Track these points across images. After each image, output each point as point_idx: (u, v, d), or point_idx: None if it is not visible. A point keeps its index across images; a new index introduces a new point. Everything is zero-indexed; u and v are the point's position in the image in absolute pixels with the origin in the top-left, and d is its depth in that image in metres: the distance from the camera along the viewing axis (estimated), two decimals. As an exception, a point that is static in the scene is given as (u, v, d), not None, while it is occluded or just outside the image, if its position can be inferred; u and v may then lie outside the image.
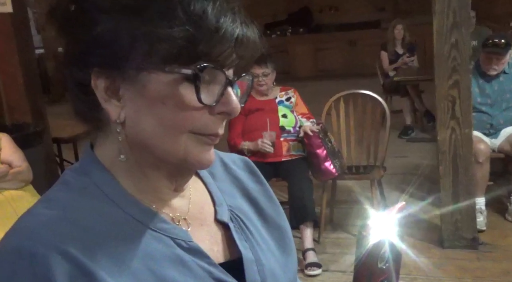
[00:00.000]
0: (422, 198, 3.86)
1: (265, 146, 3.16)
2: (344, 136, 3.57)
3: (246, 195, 0.78)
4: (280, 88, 3.56)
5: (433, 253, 3.06)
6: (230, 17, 0.58)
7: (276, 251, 0.75)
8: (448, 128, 3.03)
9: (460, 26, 2.91)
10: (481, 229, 3.20)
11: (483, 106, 3.48)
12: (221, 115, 0.62)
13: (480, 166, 3.26)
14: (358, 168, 3.57)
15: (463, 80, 2.97)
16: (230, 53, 0.59)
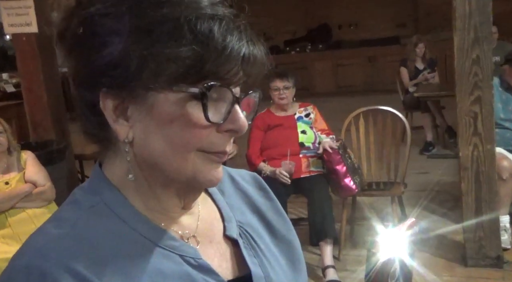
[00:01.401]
0: (444, 215, 3.81)
1: (282, 177, 3.17)
2: (364, 153, 3.55)
3: (255, 211, 0.78)
4: (299, 104, 3.57)
5: (457, 272, 3.00)
6: (236, 35, 0.59)
7: (285, 267, 0.75)
8: (470, 145, 2.99)
9: (481, 42, 2.89)
10: (506, 247, 3.13)
11: (506, 122, 3.43)
12: (229, 132, 0.62)
13: (504, 182, 3.19)
14: (378, 184, 3.54)
15: (485, 96, 2.93)
16: (237, 71, 0.60)
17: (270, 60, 0.64)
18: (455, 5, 2.88)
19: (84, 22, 0.60)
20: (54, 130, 3.86)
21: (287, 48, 10.38)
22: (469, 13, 2.86)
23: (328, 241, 3.07)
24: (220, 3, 0.60)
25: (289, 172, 3.22)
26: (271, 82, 3.42)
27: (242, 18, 0.62)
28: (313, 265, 3.25)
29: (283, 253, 0.77)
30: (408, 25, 9.68)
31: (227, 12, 0.60)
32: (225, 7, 0.60)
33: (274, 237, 0.77)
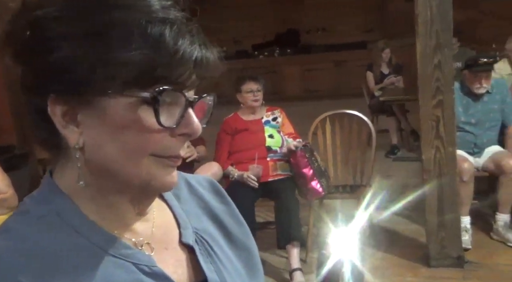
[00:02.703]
0: (408, 217, 3.88)
1: (250, 180, 3.19)
2: (330, 156, 3.60)
3: (212, 217, 0.78)
4: (266, 108, 3.60)
5: (420, 272, 3.06)
6: (188, 39, 0.59)
7: (243, 272, 0.75)
8: (432, 148, 3.06)
9: (443, 47, 2.97)
10: (466, 247, 3.21)
11: (467, 126, 3.52)
12: (183, 136, 0.62)
13: (465, 184, 3.28)
14: (344, 187, 3.58)
15: (446, 100, 3.01)
16: (189, 75, 0.60)
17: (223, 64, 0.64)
18: (418, 12, 2.95)
19: (32, 25, 0.58)
20: (16, 135, 3.77)
21: (255, 52, 10.41)
22: (430, 19, 2.93)
23: (295, 244, 3.09)
24: (171, 6, 0.60)
25: (257, 175, 3.24)
26: (244, 85, 3.45)
27: (194, 22, 0.62)
28: (280, 268, 3.27)
29: (240, 258, 0.77)
30: (374, 31, 9.83)
31: (179, 16, 0.60)
32: (177, 11, 0.60)
33: (231, 243, 0.77)
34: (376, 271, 3.16)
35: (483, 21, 8.86)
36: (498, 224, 3.36)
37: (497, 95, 3.51)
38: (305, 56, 10.01)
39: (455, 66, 4.32)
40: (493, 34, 7.29)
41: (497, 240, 3.36)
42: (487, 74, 3.42)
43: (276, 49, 10.23)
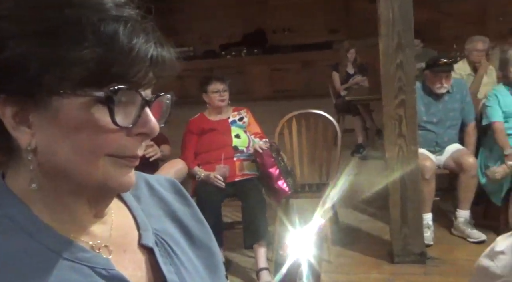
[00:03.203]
0: (373, 215, 3.95)
1: (216, 180, 3.18)
2: (297, 155, 3.62)
3: (173, 217, 0.77)
4: (233, 108, 3.60)
5: (384, 269, 3.12)
6: (143, 37, 0.58)
7: (203, 273, 0.75)
8: (395, 146, 3.12)
9: (404, 47, 3.02)
10: (428, 243, 3.29)
11: (428, 125, 3.60)
12: (140, 136, 0.61)
13: (427, 182, 3.36)
14: (311, 186, 3.61)
15: (408, 99, 3.07)
16: (145, 73, 0.59)
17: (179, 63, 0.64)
18: (380, 13, 3.00)
19: None
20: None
21: (223, 52, 10.39)
22: (392, 20, 2.99)
23: (262, 243, 3.10)
24: (125, 4, 0.59)
25: (223, 175, 3.24)
26: (210, 85, 3.44)
27: (149, 20, 0.61)
28: (247, 268, 3.28)
29: (201, 259, 0.76)
30: (340, 31, 9.94)
31: (133, 14, 0.59)
32: (131, 9, 0.59)
33: (192, 243, 0.77)
34: (342, 268, 3.20)
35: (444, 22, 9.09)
36: (458, 220, 3.45)
37: (457, 95, 3.60)
38: (273, 56, 10.04)
39: (419, 66, 4.42)
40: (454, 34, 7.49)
41: (457, 236, 3.45)
42: (447, 75, 3.51)
43: (244, 49, 10.23)
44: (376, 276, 3.05)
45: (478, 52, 4.45)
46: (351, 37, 8.29)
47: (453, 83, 3.61)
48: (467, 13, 9.03)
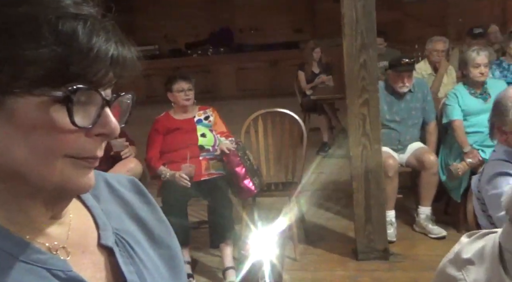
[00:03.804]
0: (338, 213, 4.00)
1: (182, 180, 3.16)
2: (263, 154, 3.63)
3: (134, 217, 0.76)
4: (198, 107, 3.58)
5: (349, 266, 3.17)
6: (103, 36, 0.57)
7: (165, 273, 0.74)
8: (359, 145, 3.17)
9: (367, 47, 3.07)
10: (391, 240, 3.36)
11: (391, 123, 3.67)
12: (100, 137, 0.61)
13: (390, 180, 3.43)
14: (277, 185, 3.63)
15: (372, 98, 3.12)
16: (105, 73, 0.58)
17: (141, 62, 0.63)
18: (343, 13, 3.04)
19: None
20: None
21: (189, 51, 10.32)
22: (356, 20, 3.03)
23: (228, 242, 3.10)
24: (84, 2, 0.58)
25: (189, 174, 3.22)
26: (174, 84, 3.42)
27: (109, 18, 0.60)
28: (214, 267, 3.27)
29: (162, 258, 0.76)
30: (305, 31, 10.03)
31: (92, 12, 0.58)
32: (90, 7, 0.58)
33: (153, 242, 0.76)
34: (308, 266, 3.24)
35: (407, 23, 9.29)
36: (420, 217, 3.53)
37: (418, 94, 3.69)
38: (239, 55, 10.04)
39: (381, 65, 4.51)
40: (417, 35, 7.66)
41: (419, 232, 3.53)
42: (408, 74, 3.59)
43: (210, 48, 10.20)
44: (341, 273, 3.09)
45: (438, 53, 4.57)
46: (317, 36, 8.38)
47: (415, 83, 3.69)
48: (429, 14, 9.25)
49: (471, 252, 0.93)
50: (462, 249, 0.96)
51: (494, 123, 1.91)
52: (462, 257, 0.94)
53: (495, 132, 1.92)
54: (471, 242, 0.96)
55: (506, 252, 0.87)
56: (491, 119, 1.95)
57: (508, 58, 4.50)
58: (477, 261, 0.91)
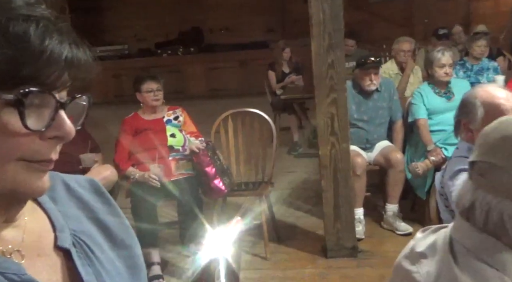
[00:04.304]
0: (308, 211, 4.04)
1: (151, 180, 3.14)
2: (233, 154, 3.64)
3: (93, 217, 0.76)
4: (167, 107, 3.57)
5: (318, 263, 3.20)
6: (56, 38, 0.57)
7: (124, 272, 0.74)
8: (328, 144, 3.21)
9: (335, 48, 3.11)
10: (360, 237, 3.41)
11: (359, 122, 3.73)
12: (54, 140, 0.60)
13: (358, 178, 3.48)
14: (247, 184, 3.64)
15: (340, 98, 3.17)
16: (59, 75, 0.58)
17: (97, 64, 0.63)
18: (311, 14, 3.07)
19: None
20: None
21: (158, 51, 10.23)
22: (323, 21, 3.07)
23: (198, 242, 3.09)
24: (37, 3, 0.58)
25: (158, 175, 3.20)
26: (143, 84, 3.40)
27: (63, 20, 0.60)
28: (184, 268, 3.25)
29: (122, 259, 0.75)
30: (276, 31, 10.07)
31: (45, 13, 0.57)
32: (43, 8, 0.58)
33: (113, 243, 0.76)
34: (278, 265, 3.26)
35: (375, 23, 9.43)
36: (387, 214, 3.60)
37: (385, 94, 3.75)
38: (209, 55, 10.01)
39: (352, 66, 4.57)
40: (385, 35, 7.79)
41: (387, 229, 3.59)
42: (375, 71, 3.64)
43: (180, 48, 10.13)
44: (311, 271, 3.13)
45: (404, 53, 4.65)
46: (287, 36, 8.42)
47: (382, 83, 3.76)
48: (396, 15, 9.43)
49: (424, 246, 0.97)
50: (416, 244, 1.00)
51: (461, 121, 1.94)
52: (416, 251, 0.98)
53: (461, 130, 1.95)
54: (424, 237, 1.00)
55: (456, 243, 0.91)
56: (457, 117, 1.97)
57: (471, 58, 4.62)
58: (429, 254, 0.95)
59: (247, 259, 3.34)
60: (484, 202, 0.87)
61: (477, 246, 0.88)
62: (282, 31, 9.94)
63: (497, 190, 0.86)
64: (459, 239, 0.92)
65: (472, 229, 0.90)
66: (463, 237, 0.91)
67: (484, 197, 0.87)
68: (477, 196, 0.89)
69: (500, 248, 0.87)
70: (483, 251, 0.87)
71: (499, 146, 0.88)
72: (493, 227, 0.87)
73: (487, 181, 0.87)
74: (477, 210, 0.88)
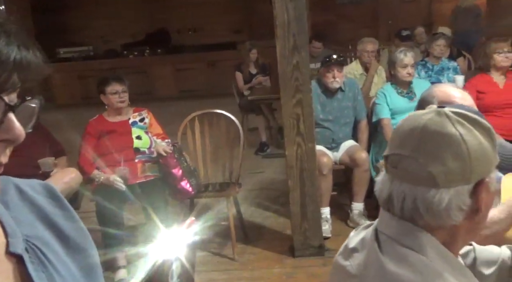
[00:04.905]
0: (276, 211, 4.06)
1: (116, 183, 3.10)
2: (200, 155, 3.63)
3: (47, 222, 0.75)
4: (133, 109, 3.54)
5: (285, 263, 3.22)
6: (3, 40, 0.57)
7: (79, 277, 0.74)
8: (294, 144, 3.24)
9: (299, 49, 3.14)
10: (327, 236, 3.45)
11: (325, 123, 3.77)
12: (3, 143, 0.59)
13: (324, 177, 3.52)
14: (214, 185, 3.64)
15: (305, 98, 3.20)
16: (7, 77, 0.57)
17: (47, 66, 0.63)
18: (275, 15, 3.09)
19: None
20: None
21: (125, 52, 10.11)
22: (288, 22, 3.09)
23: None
24: None
25: (124, 177, 3.17)
26: (108, 86, 3.36)
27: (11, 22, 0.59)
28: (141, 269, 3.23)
29: (77, 262, 0.75)
30: (244, 32, 10.09)
31: None
32: None
33: (68, 247, 0.75)
34: (246, 265, 3.27)
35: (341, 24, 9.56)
36: (353, 213, 3.65)
37: (349, 93, 3.81)
38: (177, 56, 9.95)
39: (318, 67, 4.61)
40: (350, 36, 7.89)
41: (353, 227, 3.61)
42: (338, 69, 3.68)
43: (147, 49, 10.04)
44: (278, 271, 3.14)
45: (368, 53, 4.74)
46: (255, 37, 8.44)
47: (346, 83, 3.81)
48: (362, 16, 9.57)
49: (356, 241, 1.04)
50: (349, 241, 1.07)
51: None
52: (349, 248, 1.05)
53: (419, 129, 2.01)
54: (356, 234, 1.07)
55: (380, 234, 0.98)
56: None
57: (431, 58, 4.73)
58: (360, 248, 1.01)
59: (215, 260, 3.34)
60: (399, 191, 0.93)
61: (398, 233, 0.95)
62: (250, 32, 9.96)
63: (408, 178, 0.92)
64: (382, 229, 0.98)
65: (392, 218, 0.96)
66: (386, 226, 0.97)
67: (399, 186, 0.93)
68: (393, 186, 0.95)
69: (417, 231, 0.93)
70: (403, 236, 0.94)
71: (407, 138, 0.94)
72: (409, 213, 0.93)
73: (399, 171, 0.93)
74: (395, 200, 0.94)
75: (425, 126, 0.92)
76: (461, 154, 0.89)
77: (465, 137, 0.90)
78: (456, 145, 0.90)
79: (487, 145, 0.92)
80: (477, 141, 0.91)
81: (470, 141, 0.90)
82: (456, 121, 0.92)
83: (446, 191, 0.90)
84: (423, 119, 0.94)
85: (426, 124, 0.93)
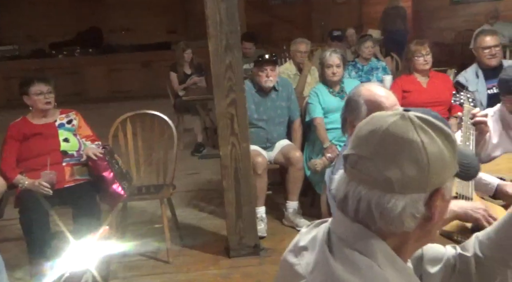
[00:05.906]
0: (212, 212, 4.04)
1: (42, 188, 2.96)
2: (132, 157, 3.54)
3: None
4: (60, 111, 3.40)
5: (221, 264, 3.20)
6: None
7: None
8: (228, 144, 3.22)
9: (232, 49, 3.13)
10: (262, 235, 3.46)
11: (259, 122, 3.78)
12: None
13: (259, 177, 3.53)
14: (148, 188, 3.56)
15: (239, 98, 3.19)
16: None
17: None
18: (207, 14, 3.07)
19: None
20: None
21: (53, 52, 9.72)
22: (220, 21, 3.07)
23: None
24: None
25: (50, 182, 3.03)
26: (32, 86, 3.21)
27: None
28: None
29: None
30: (179, 32, 9.99)
31: None
32: None
33: None
34: (181, 268, 3.22)
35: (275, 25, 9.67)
36: (288, 211, 3.68)
37: (283, 93, 3.84)
38: (110, 56, 9.70)
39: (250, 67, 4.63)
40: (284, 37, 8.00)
41: (288, 226, 3.67)
42: (271, 68, 3.69)
43: (77, 49, 9.70)
44: (214, 272, 3.12)
45: (301, 54, 4.81)
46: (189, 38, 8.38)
47: (280, 82, 3.84)
48: (296, 17, 9.73)
49: (306, 240, 1.00)
50: (300, 239, 1.03)
51: (347, 119, 2.03)
52: (299, 245, 1.01)
53: (347, 127, 2.04)
54: (308, 232, 1.03)
55: (332, 234, 0.96)
56: (344, 114, 2.06)
57: (361, 59, 4.88)
58: (310, 247, 0.98)
59: (149, 264, 3.26)
60: (355, 192, 0.91)
61: (349, 235, 0.92)
62: (185, 32, 9.88)
63: (365, 180, 0.90)
64: (334, 230, 0.96)
65: (345, 219, 0.94)
66: (338, 227, 0.95)
67: (355, 187, 0.91)
68: (350, 187, 0.93)
69: (369, 236, 0.91)
70: (354, 239, 0.92)
71: (367, 139, 0.92)
72: (363, 216, 0.91)
73: (357, 172, 0.92)
74: (350, 201, 0.92)
75: (388, 130, 0.90)
76: (420, 162, 0.87)
77: (426, 146, 0.88)
78: (416, 152, 0.88)
79: (447, 154, 0.91)
80: (438, 149, 0.89)
81: (430, 149, 0.88)
82: (420, 127, 0.90)
83: (401, 197, 0.88)
84: (386, 121, 0.92)
85: (388, 127, 0.90)
